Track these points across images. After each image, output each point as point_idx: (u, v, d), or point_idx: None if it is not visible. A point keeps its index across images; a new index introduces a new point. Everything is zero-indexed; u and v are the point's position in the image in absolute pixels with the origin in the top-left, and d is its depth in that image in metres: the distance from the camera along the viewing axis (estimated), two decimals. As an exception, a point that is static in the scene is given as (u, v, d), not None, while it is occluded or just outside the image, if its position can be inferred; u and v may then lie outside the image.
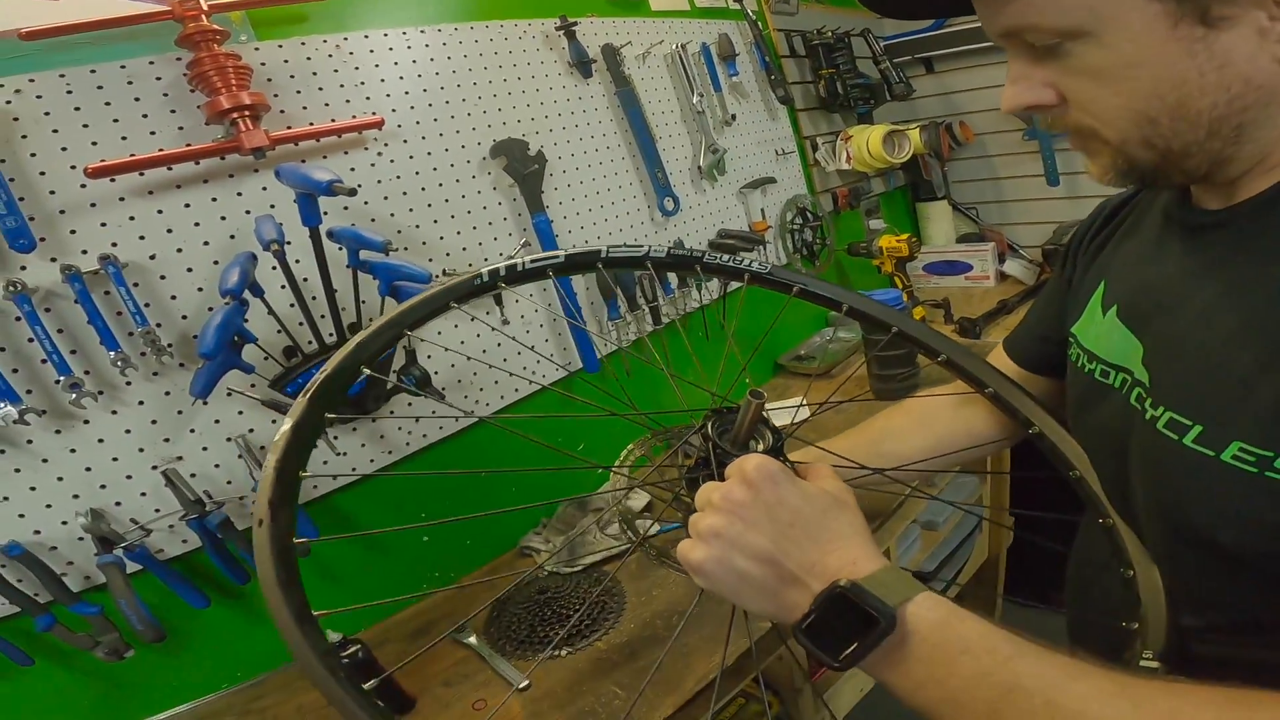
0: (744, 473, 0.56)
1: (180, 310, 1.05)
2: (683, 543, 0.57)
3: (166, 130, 1.05)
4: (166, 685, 1.09)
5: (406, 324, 0.75)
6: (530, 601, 1.26)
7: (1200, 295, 0.57)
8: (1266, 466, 0.48)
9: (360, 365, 0.70)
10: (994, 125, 2.29)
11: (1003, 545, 1.93)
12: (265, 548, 0.57)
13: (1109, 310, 0.68)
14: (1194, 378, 0.56)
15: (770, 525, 0.54)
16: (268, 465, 0.61)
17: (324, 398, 0.66)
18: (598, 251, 0.86)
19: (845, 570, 0.51)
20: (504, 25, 1.47)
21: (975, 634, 0.48)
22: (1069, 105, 0.54)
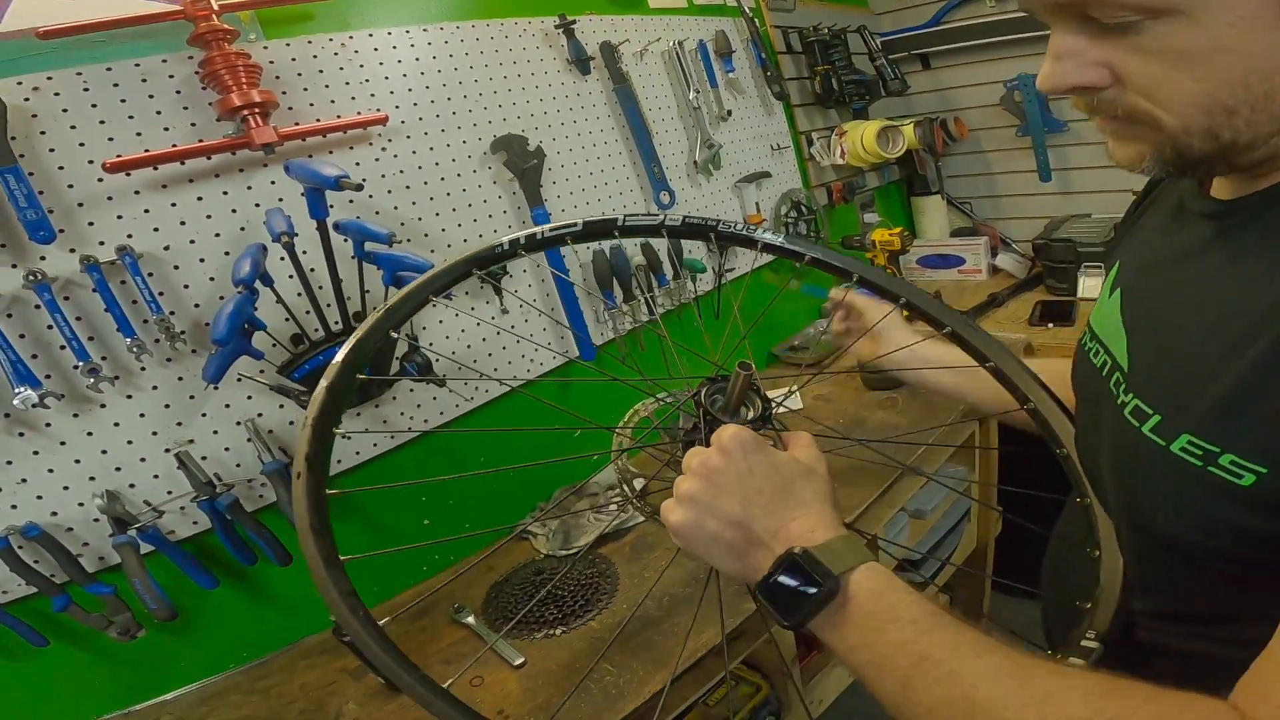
0: (720, 441, 0.60)
1: (193, 299, 1.09)
2: (665, 503, 0.61)
3: (179, 126, 1.09)
4: (175, 665, 1.13)
5: (432, 289, 0.80)
6: (526, 583, 1.30)
7: (1189, 285, 0.57)
8: (1211, 461, 0.49)
9: (389, 329, 0.76)
10: (988, 121, 2.32)
11: (991, 534, 1.96)
12: (302, 498, 0.64)
13: (1114, 291, 0.68)
14: (1162, 368, 0.57)
15: (740, 491, 0.58)
16: (305, 423, 0.68)
17: (355, 360, 0.74)
18: (614, 220, 0.89)
19: (804, 537, 0.55)
20: (504, 23, 1.50)
21: (904, 605, 0.51)
22: (1126, 88, 0.48)
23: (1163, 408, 0.54)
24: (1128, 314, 0.64)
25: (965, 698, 0.46)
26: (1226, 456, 0.48)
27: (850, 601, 0.52)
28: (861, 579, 0.53)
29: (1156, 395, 0.56)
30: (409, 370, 1.25)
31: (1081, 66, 0.49)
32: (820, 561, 0.52)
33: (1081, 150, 2.19)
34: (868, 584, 0.52)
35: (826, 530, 0.56)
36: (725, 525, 0.58)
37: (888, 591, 0.52)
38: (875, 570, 0.53)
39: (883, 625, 0.51)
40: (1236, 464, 0.47)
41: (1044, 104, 2.15)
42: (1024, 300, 2.00)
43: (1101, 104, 0.51)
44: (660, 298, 1.70)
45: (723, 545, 0.58)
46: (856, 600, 0.52)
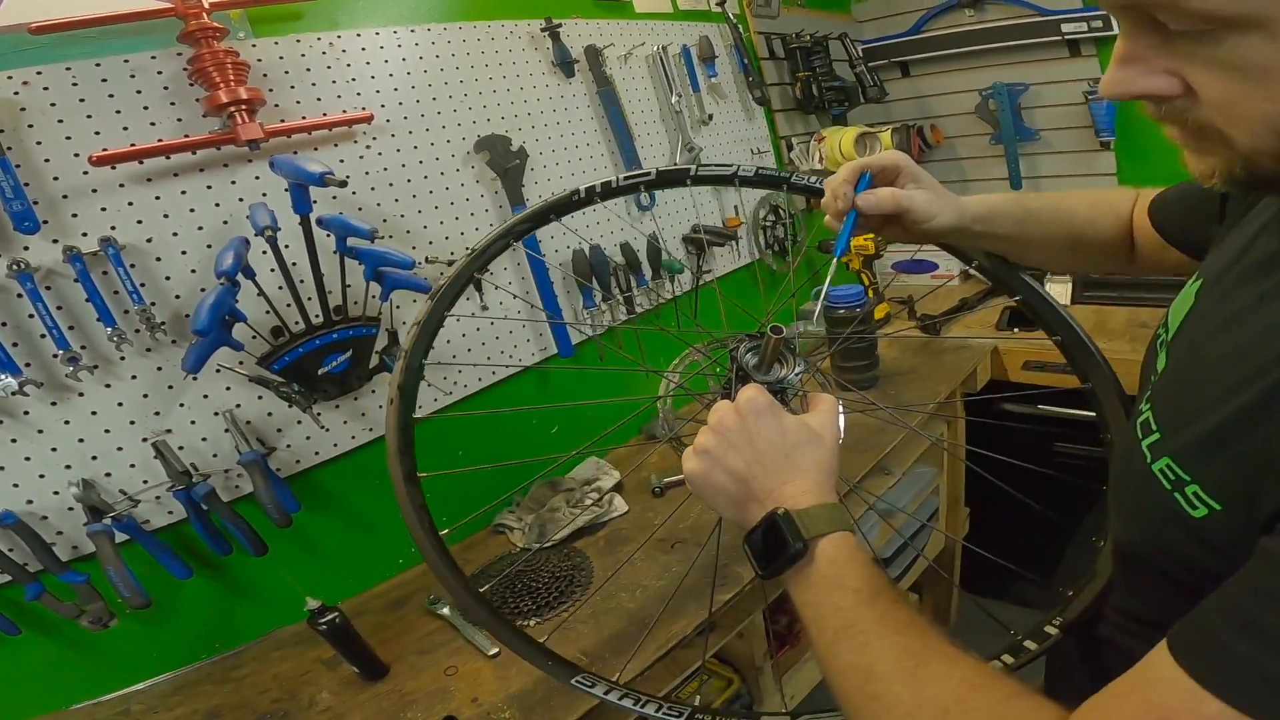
0: (738, 402, 0.66)
1: (174, 290, 1.11)
2: (685, 452, 0.69)
3: (166, 122, 1.10)
4: (148, 655, 1.14)
5: (513, 234, 0.88)
6: (502, 575, 1.33)
7: (1236, 303, 0.54)
8: (1178, 488, 0.50)
9: (474, 272, 0.86)
10: (964, 129, 2.36)
11: (959, 535, 2.01)
12: (393, 421, 0.76)
13: (1194, 283, 0.63)
14: (1179, 387, 0.56)
15: (748, 450, 0.64)
16: (400, 355, 0.79)
17: (444, 300, 0.82)
18: (687, 170, 0.94)
19: (793, 500, 0.61)
20: (490, 25, 1.53)
21: (852, 574, 0.57)
22: (1197, 100, 0.44)
23: (1164, 427, 0.55)
24: (1190, 314, 0.61)
25: (867, 667, 0.52)
26: (1192, 487, 0.49)
27: (813, 563, 0.58)
28: (827, 545, 0.58)
29: (1164, 413, 0.56)
30: (387, 363, 1.27)
31: (1151, 74, 0.45)
32: (797, 524, 0.59)
33: (1051, 159, 2.24)
34: (831, 551, 0.58)
35: (814, 496, 0.61)
36: (730, 479, 0.65)
37: (843, 561, 0.58)
38: (841, 539, 0.59)
39: (830, 589, 0.57)
40: (1198, 495, 0.49)
41: (1016, 113, 2.20)
42: (993, 306, 2.05)
43: (1170, 114, 0.47)
44: (638, 297, 1.73)
45: (726, 496, 0.65)
46: (817, 563, 0.58)
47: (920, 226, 0.83)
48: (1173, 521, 0.50)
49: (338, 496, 1.33)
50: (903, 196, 0.81)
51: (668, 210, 1.85)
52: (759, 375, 0.71)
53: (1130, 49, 0.46)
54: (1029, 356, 1.80)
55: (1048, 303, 0.94)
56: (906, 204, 0.81)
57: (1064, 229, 0.91)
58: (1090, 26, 1.99)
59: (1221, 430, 0.48)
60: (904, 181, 0.83)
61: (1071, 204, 0.92)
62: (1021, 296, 0.94)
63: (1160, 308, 0.68)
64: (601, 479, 1.56)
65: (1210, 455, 0.49)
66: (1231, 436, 0.47)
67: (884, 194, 0.81)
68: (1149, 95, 0.46)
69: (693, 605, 1.14)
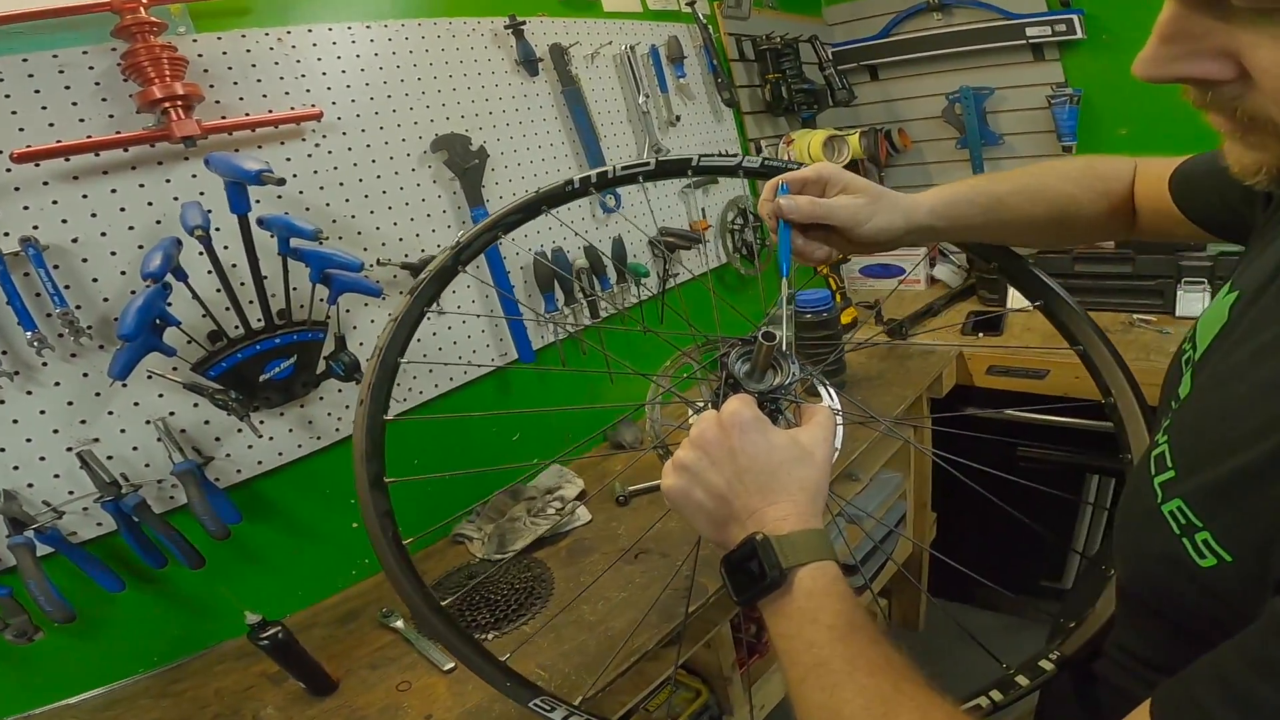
0: (720, 416, 0.62)
1: (102, 293, 1.06)
2: (665, 466, 0.64)
3: (97, 119, 1.05)
4: (81, 668, 1.10)
5: (501, 226, 0.83)
6: (459, 587, 1.29)
7: (1277, 323, 0.48)
8: (1188, 534, 0.45)
9: (459, 265, 0.81)
10: (930, 133, 2.37)
11: (926, 540, 2.01)
12: (361, 423, 0.71)
13: (1227, 296, 0.58)
14: (1203, 419, 0.51)
15: (730, 468, 0.60)
16: (374, 353, 0.75)
17: (425, 295, 0.78)
18: (689, 159, 0.89)
19: (775, 523, 0.57)
20: (452, 22, 1.49)
21: (828, 610, 0.54)
22: (1253, 87, 0.39)
23: (1181, 464, 0.49)
24: (1222, 333, 0.55)
25: (835, 710, 0.49)
26: (1203, 534, 0.44)
27: (789, 594, 0.55)
28: (805, 576, 0.55)
29: (1182, 449, 0.50)
30: (335, 370, 1.23)
31: (1197, 54, 0.39)
32: (775, 552, 0.55)
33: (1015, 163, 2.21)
34: (809, 582, 0.55)
35: (797, 521, 0.57)
36: (710, 497, 0.61)
37: (820, 594, 0.55)
38: (821, 570, 0.56)
39: (804, 623, 0.54)
40: (1208, 544, 0.44)
41: (982, 117, 2.22)
42: (958, 309, 2.05)
43: (1217, 101, 0.41)
44: (603, 301, 1.70)
45: (705, 514, 0.61)
46: (794, 595, 0.55)
47: (856, 233, 0.79)
48: (1178, 568, 0.46)
49: (284, 507, 1.28)
50: (821, 203, 0.77)
51: (634, 213, 1.82)
52: (750, 384, 0.67)
53: (1177, 24, 0.40)
54: (993, 361, 1.80)
55: (1071, 310, 0.89)
56: (824, 211, 0.77)
57: (1045, 208, 0.86)
58: (1054, 30, 2.00)
59: (1244, 475, 0.42)
60: (832, 191, 0.79)
61: (1049, 181, 0.86)
62: (1042, 302, 0.90)
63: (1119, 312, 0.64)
64: (564, 488, 1.53)
65: (1228, 502, 0.44)
66: (1255, 483, 0.42)
67: (801, 200, 0.78)
68: (1195, 79, 0.41)
69: (656, 617, 1.11)
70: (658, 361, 1.17)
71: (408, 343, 0.77)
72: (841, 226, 0.78)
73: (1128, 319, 1.82)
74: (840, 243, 0.82)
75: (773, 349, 0.66)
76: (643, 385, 1.09)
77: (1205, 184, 0.78)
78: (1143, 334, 1.76)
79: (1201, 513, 0.45)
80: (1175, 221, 0.81)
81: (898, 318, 1.98)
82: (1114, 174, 0.87)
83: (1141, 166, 0.86)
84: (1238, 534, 0.42)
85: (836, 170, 0.80)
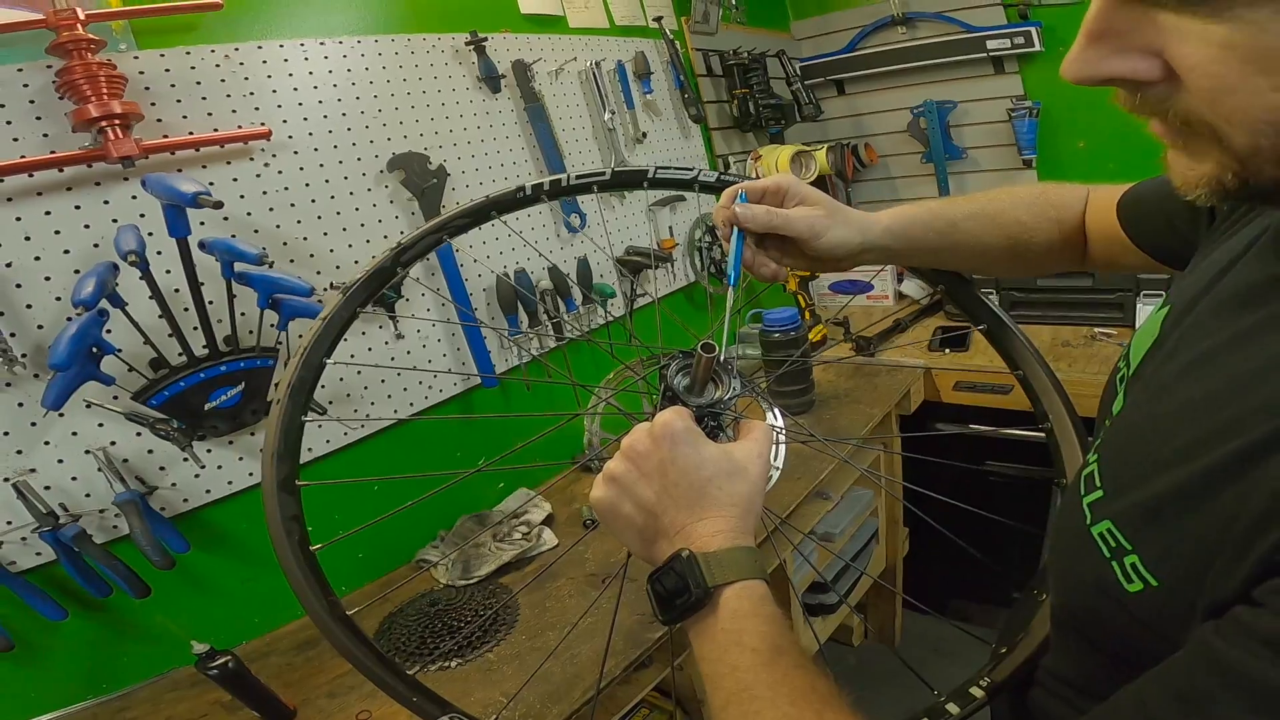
0: (652, 427, 0.59)
1: (36, 320, 1.02)
2: (596, 478, 0.62)
3: (30, 138, 1.02)
4: (24, 696, 1.07)
5: (448, 229, 0.80)
6: (421, 614, 1.26)
7: (1210, 341, 0.47)
8: (1117, 557, 0.44)
9: (399, 266, 0.77)
10: (896, 147, 2.39)
11: (899, 555, 2.00)
12: (274, 423, 0.68)
13: (1160, 310, 0.56)
14: (1132, 438, 0.50)
15: (659, 480, 0.58)
16: (296, 352, 0.71)
17: (359, 294, 0.75)
18: (645, 170, 0.87)
19: (704, 540, 0.55)
20: (411, 39, 1.47)
21: (753, 632, 0.52)
22: (1182, 88, 0.37)
23: (1109, 484, 0.48)
24: (1153, 350, 0.53)
25: None
26: (1131, 558, 0.43)
27: (713, 614, 0.53)
28: (731, 596, 0.53)
29: (1111, 468, 0.49)
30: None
31: (1120, 52, 0.38)
32: (700, 569, 0.53)
33: (978, 177, 2.27)
34: (734, 602, 0.53)
35: (727, 538, 0.55)
36: (638, 510, 0.59)
37: (746, 615, 0.53)
38: (747, 590, 0.54)
39: (728, 646, 0.52)
40: (1135, 568, 0.42)
41: (946, 131, 2.23)
42: (925, 325, 2.05)
43: (1147, 104, 0.39)
44: (568, 322, 1.68)
45: (634, 529, 0.59)
46: (718, 615, 0.53)
47: (812, 245, 0.77)
48: (1107, 593, 0.44)
49: (237, 535, 1.25)
50: (779, 213, 0.76)
51: (599, 233, 1.81)
52: (690, 398, 0.65)
53: (1101, 22, 0.38)
54: (960, 378, 1.80)
55: (1012, 335, 0.88)
56: (781, 221, 0.75)
57: (998, 235, 0.84)
58: (1013, 43, 2.03)
59: (1172, 496, 0.41)
60: (790, 203, 0.78)
61: (1004, 207, 0.85)
62: (985, 326, 0.89)
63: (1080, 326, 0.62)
64: (530, 512, 1.51)
65: (1156, 523, 0.42)
66: (1182, 505, 0.40)
67: (758, 209, 0.76)
68: (1119, 79, 0.39)
69: (623, 643, 1.10)
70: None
71: (335, 344, 0.73)
72: (798, 238, 0.76)
73: (1089, 332, 1.83)
74: (795, 256, 0.80)
75: (712, 361, 0.64)
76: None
77: (1152, 208, 0.76)
78: (1104, 347, 1.77)
79: (1130, 535, 0.43)
80: (1124, 250, 0.80)
81: (866, 335, 1.98)
82: (1065, 202, 0.86)
83: (1093, 195, 0.85)
84: (1165, 558, 0.41)
85: (795, 182, 0.79)
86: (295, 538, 0.67)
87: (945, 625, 2.18)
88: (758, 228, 0.76)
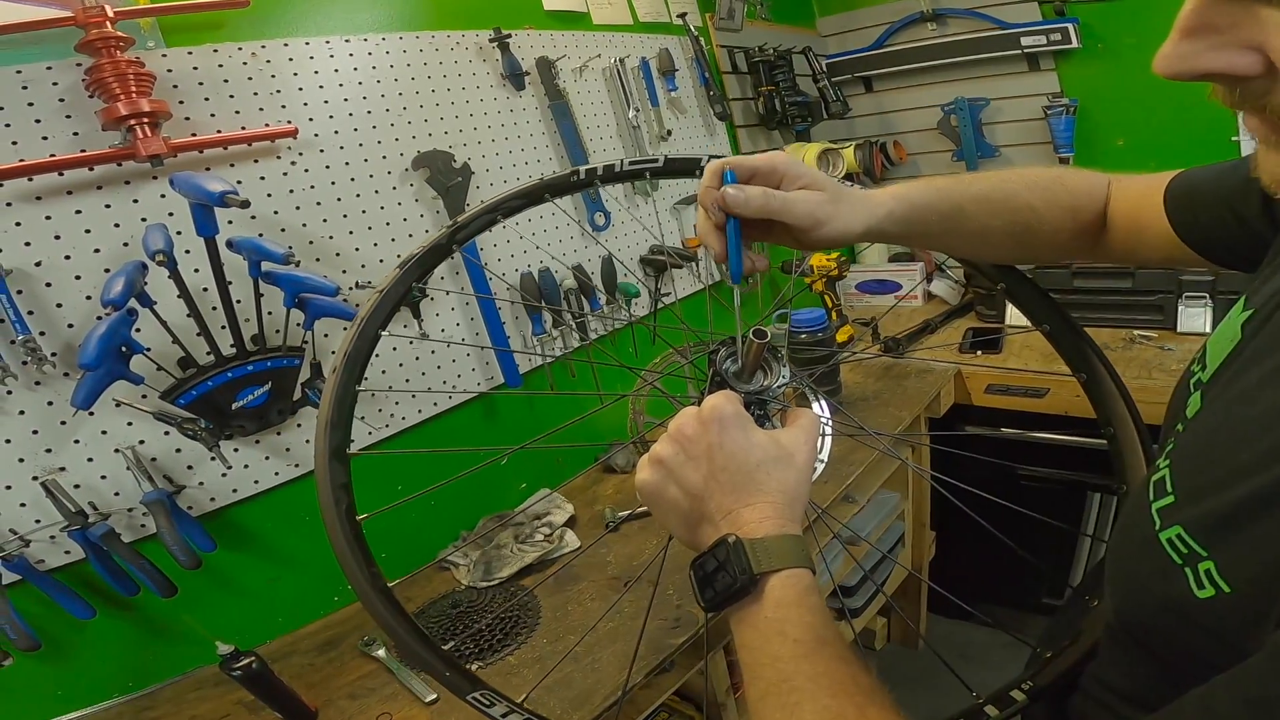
0: (700, 410, 0.59)
1: (66, 319, 1.02)
2: (640, 460, 0.61)
3: (61, 136, 1.02)
4: (52, 693, 1.07)
5: (501, 210, 0.81)
6: (444, 615, 1.26)
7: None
8: (1191, 563, 0.42)
9: (453, 245, 0.79)
10: (926, 145, 2.35)
11: (925, 559, 1.97)
12: (330, 392, 0.70)
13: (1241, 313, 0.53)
14: (1209, 444, 0.47)
15: (707, 464, 0.57)
16: (353, 323, 0.73)
17: (414, 270, 0.76)
18: (698, 159, 0.86)
19: (751, 526, 0.54)
20: (435, 36, 1.46)
21: (796, 622, 0.51)
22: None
23: (1182, 490, 0.46)
24: (1234, 354, 0.51)
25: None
26: (1206, 564, 0.41)
27: (759, 602, 0.52)
28: (776, 584, 0.52)
29: (1185, 474, 0.46)
30: (312, 397, 1.19)
31: (1222, 47, 0.36)
32: (747, 556, 0.52)
33: (1014, 177, 2.21)
34: (779, 591, 0.52)
35: (773, 524, 0.55)
36: (684, 494, 0.58)
37: (790, 604, 0.52)
38: (793, 578, 0.53)
39: (771, 635, 0.51)
40: (1210, 574, 0.41)
41: (978, 128, 2.19)
42: (956, 327, 2.01)
43: (1247, 98, 0.38)
44: (593, 321, 1.66)
45: (679, 513, 0.59)
46: (763, 604, 0.52)
47: (810, 235, 0.70)
48: (1173, 599, 0.43)
49: (261, 534, 1.25)
50: (776, 196, 0.67)
51: (624, 231, 1.79)
52: (738, 383, 0.65)
53: (1198, 17, 0.37)
54: (992, 380, 1.76)
55: (1077, 336, 0.85)
56: (780, 205, 0.67)
57: (1005, 220, 0.78)
58: (1049, 40, 1.98)
59: (1251, 503, 0.40)
60: (790, 185, 0.69)
61: (1016, 189, 0.79)
62: (1048, 327, 0.86)
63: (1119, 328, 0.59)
64: (553, 513, 1.50)
65: (1233, 530, 0.41)
66: (1261, 512, 0.39)
67: (753, 191, 0.67)
68: (1221, 74, 0.37)
69: (645, 648, 1.08)
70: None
71: (390, 317, 0.75)
72: (795, 226, 0.69)
73: (1128, 335, 1.78)
74: (781, 238, 0.72)
75: (763, 347, 0.63)
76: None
77: (1211, 199, 0.71)
78: (1143, 350, 1.72)
79: (1204, 540, 0.42)
80: (1156, 242, 0.75)
81: (895, 335, 1.94)
82: (1084, 189, 0.81)
83: (1117, 184, 0.81)
84: (1240, 564, 0.40)
85: (792, 161, 0.71)
86: (343, 506, 0.68)
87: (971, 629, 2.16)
88: (750, 213, 0.67)
